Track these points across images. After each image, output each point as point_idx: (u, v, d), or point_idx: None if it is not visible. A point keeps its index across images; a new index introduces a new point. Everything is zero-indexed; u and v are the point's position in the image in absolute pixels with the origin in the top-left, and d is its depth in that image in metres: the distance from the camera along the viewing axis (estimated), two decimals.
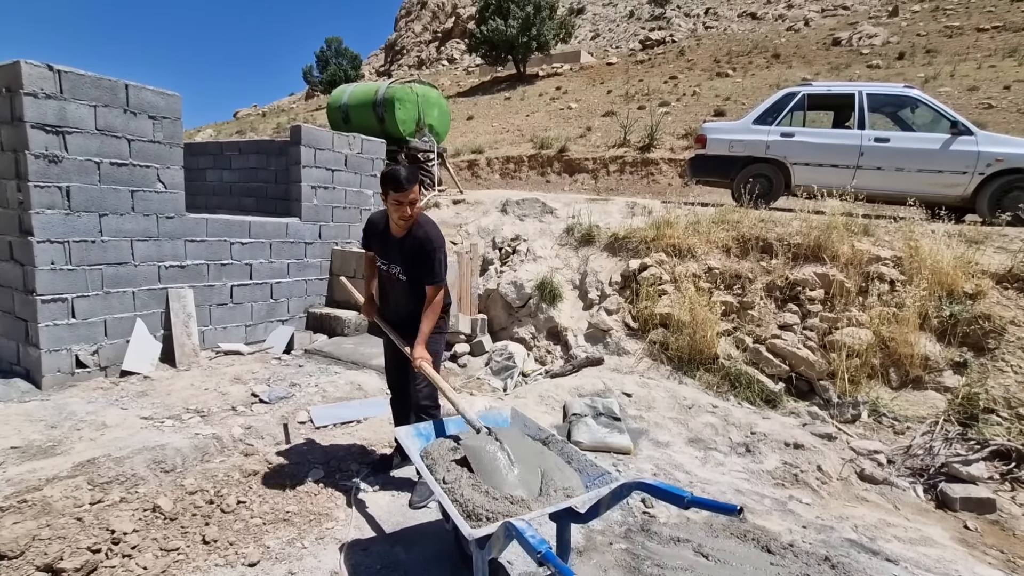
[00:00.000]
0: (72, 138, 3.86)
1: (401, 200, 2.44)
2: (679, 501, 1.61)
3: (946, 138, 5.75)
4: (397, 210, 2.46)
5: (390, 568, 2.21)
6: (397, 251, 2.59)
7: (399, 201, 2.44)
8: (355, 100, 8.56)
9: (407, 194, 2.43)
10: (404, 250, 2.57)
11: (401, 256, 2.58)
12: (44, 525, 2.26)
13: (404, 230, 2.56)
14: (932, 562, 2.54)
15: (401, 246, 2.58)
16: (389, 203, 2.47)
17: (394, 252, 2.60)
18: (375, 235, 2.67)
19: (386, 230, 2.61)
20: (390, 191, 2.42)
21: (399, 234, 2.58)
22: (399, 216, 2.48)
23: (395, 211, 2.47)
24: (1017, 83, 14.42)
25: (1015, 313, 4.16)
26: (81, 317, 4.01)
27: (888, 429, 3.95)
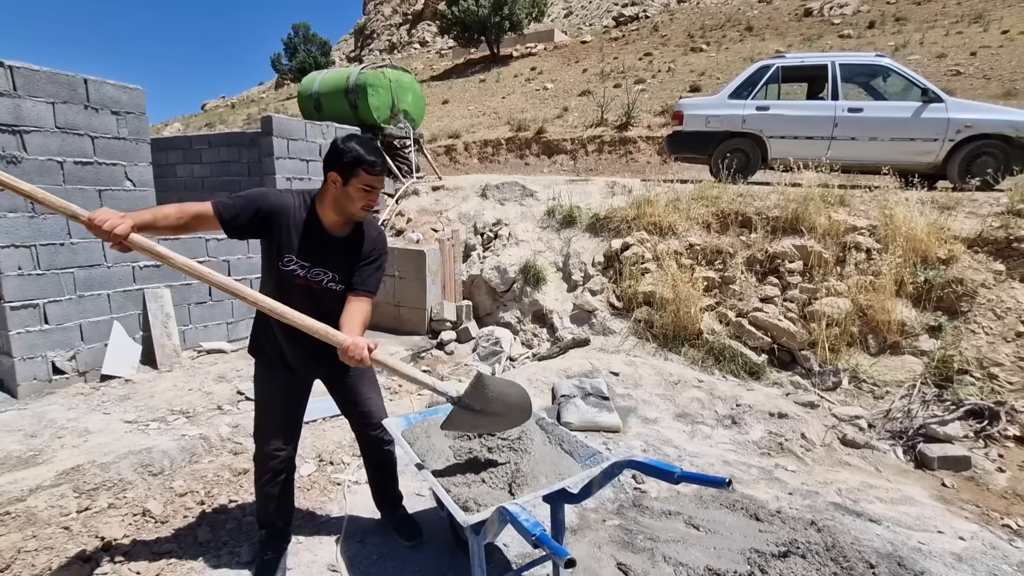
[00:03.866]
0: (31, 137, 3.71)
1: (374, 185, 1.84)
2: (669, 476, 1.64)
3: (917, 106, 5.83)
4: (364, 197, 1.84)
5: (387, 557, 2.23)
6: (336, 253, 1.92)
7: (371, 186, 1.83)
8: (326, 88, 8.37)
9: (381, 178, 1.87)
10: (347, 252, 1.93)
11: (342, 259, 1.93)
12: (30, 536, 2.22)
13: (351, 226, 1.94)
14: (912, 520, 2.63)
15: (344, 247, 1.93)
16: (352, 188, 1.81)
17: (329, 254, 1.91)
18: (282, 225, 1.86)
19: (314, 224, 1.89)
20: (360, 171, 1.79)
21: (342, 232, 1.92)
22: (364, 206, 1.85)
23: (361, 199, 1.83)
24: (983, 49, 14.65)
25: (986, 276, 4.28)
26: (55, 322, 3.90)
27: (868, 394, 4.06)
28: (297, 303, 1.79)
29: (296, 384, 2.09)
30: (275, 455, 2.03)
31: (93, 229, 1.53)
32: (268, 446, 2.03)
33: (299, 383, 2.11)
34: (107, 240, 1.55)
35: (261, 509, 2.12)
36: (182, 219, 1.72)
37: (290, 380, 2.06)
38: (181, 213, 1.73)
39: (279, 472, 2.06)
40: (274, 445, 2.03)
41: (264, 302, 1.70)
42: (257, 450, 2.06)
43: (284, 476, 2.08)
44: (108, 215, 1.54)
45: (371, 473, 2.37)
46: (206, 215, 1.76)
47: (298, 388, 2.11)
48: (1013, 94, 11.16)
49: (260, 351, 2.06)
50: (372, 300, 1.96)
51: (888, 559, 2.20)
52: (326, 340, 1.71)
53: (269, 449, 2.03)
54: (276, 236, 1.87)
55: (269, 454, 2.03)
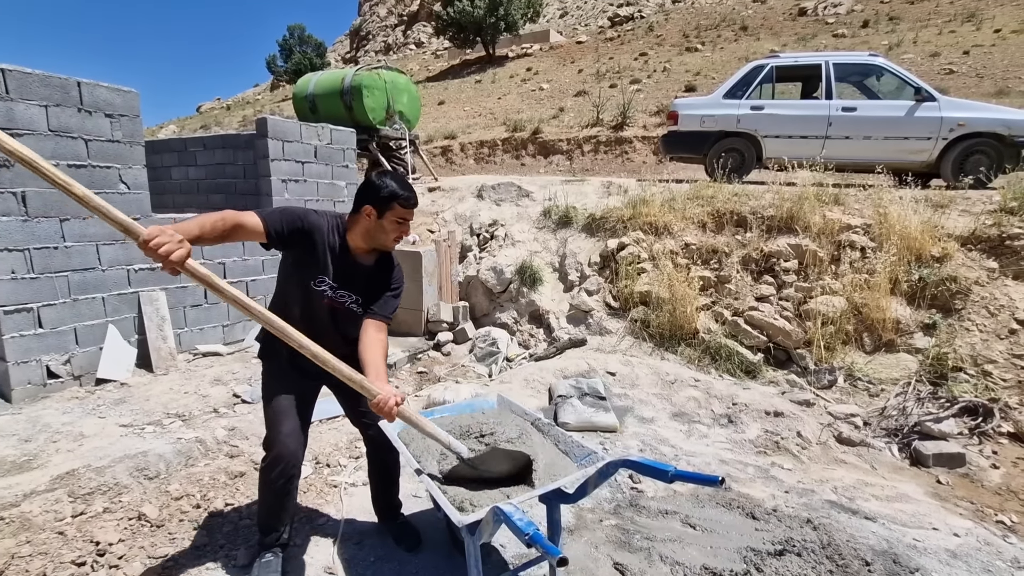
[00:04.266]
0: (23, 140, 3.69)
1: (407, 218, 1.94)
2: (663, 476, 1.64)
3: (910, 105, 5.86)
4: (397, 229, 1.94)
5: (384, 560, 2.22)
6: (361, 279, 2.02)
7: (404, 219, 1.93)
8: (322, 89, 8.36)
9: (413, 211, 1.95)
10: (371, 279, 2.03)
11: (365, 285, 2.03)
12: (24, 542, 2.21)
13: (375, 255, 2.05)
14: (908, 517, 2.65)
15: (370, 274, 2.03)
16: (386, 221, 1.91)
17: (354, 278, 2.01)
18: (318, 245, 1.94)
19: (344, 249, 1.98)
20: (395, 205, 1.88)
21: (367, 260, 2.03)
22: (396, 237, 1.97)
23: (394, 231, 1.94)
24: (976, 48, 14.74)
25: (979, 274, 4.30)
26: (49, 326, 3.88)
27: (863, 392, 4.08)
28: (319, 318, 1.95)
29: (305, 388, 2.11)
30: (287, 460, 2.01)
31: (148, 252, 1.44)
32: (281, 452, 2.01)
33: (308, 387, 2.12)
34: (162, 264, 1.47)
35: (264, 513, 2.10)
36: (226, 229, 1.72)
37: (300, 384, 2.08)
38: (224, 223, 1.71)
39: (288, 476, 2.04)
40: (287, 451, 2.01)
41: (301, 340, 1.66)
42: (269, 455, 2.03)
43: (292, 481, 2.07)
44: (164, 238, 1.46)
45: (374, 479, 2.36)
46: (251, 226, 1.78)
47: (308, 392, 2.12)
48: (1006, 92, 11.23)
49: (271, 356, 2.09)
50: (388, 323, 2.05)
51: (883, 556, 2.21)
52: (359, 390, 1.74)
53: (282, 455, 2.00)
54: (311, 255, 1.94)
55: (281, 460, 2.00)
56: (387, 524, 2.39)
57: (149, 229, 1.44)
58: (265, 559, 2.06)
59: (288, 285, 2.03)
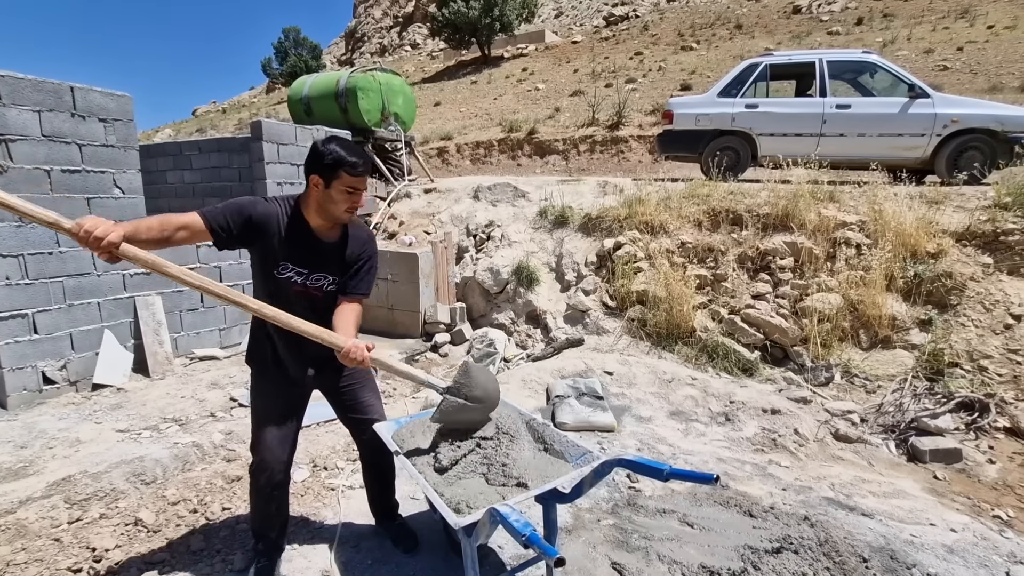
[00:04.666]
0: (16, 146, 3.69)
1: (357, 186, 1.81)
2: (658, 474, 1.64)
3: (904, 102, 5.88)
4: (347, 199, 1.81)
5: (381, 562, 2.22)
6: (329, 256, 1.91)
7: (354, 188, 1.80)
8: (316, 91, 8.35)
9: (364, 179, 1.84)
10: (339, 255, 1.93)
11: (335, 263, 1.92)
12: (19, 549, 2.20)
13: (339, 229, 1.93)
14: (905, 513, 2.65)
15: (336, 250, 1.92)
16: (334, 191, 1.78)
17: (321, 258, 1.90)
18: (272, 232, 1.83)
19: (302, 229, 1.87)
20: (342, 173, 1.76)
21: (331, 235, 1.91)
22: (348, 208, 1.83)
23: (344, 201, 1.81)
24: (969, 44, 14.79)
25: (974, 269, 4.31)
26: (44, 332, 3.87)
27: (860, 389, 4.09)
28: (296, 311, 1.77)
29: (294, 394, 2.08)
30: (273, 466, 1.99)
31: (80, 239, 1.41)
32: (266, 457, 1.99)
33: (297, 393, 2.09)
34: (96, 250, 1.43)
35: (256, 519, 2.10)
36: (165, 231, 1.64)
37: (289, 390, 2.05)
38: (164, 225, 1.64)
39: (276, 484, 2.03)
40: (272, 456, 1.99)
41: (261, 308, 1.68)
42: (255, 461, 2.02)
43: (281, 486, 2.06)
44: (96, 222, 1.42)
45: (370, 483, 2.34)
46: (194, 226, 1.70)
47: (296, 398, 2.09)
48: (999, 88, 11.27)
49: (258, 360, 2.04)
50: (364, 301, 1.98)
51: (881, 552, 2.22)
52: (325, 343, 1.71)
53: (267, 460, 1.99)
54: (267, 244, 1.84)
55: (266, 465, 1.99)
56: (384, 526, 2.38)
57: (82, 218, 1.44)
58: (261, 564, 2.06)
59: (258, 283, 1.95)
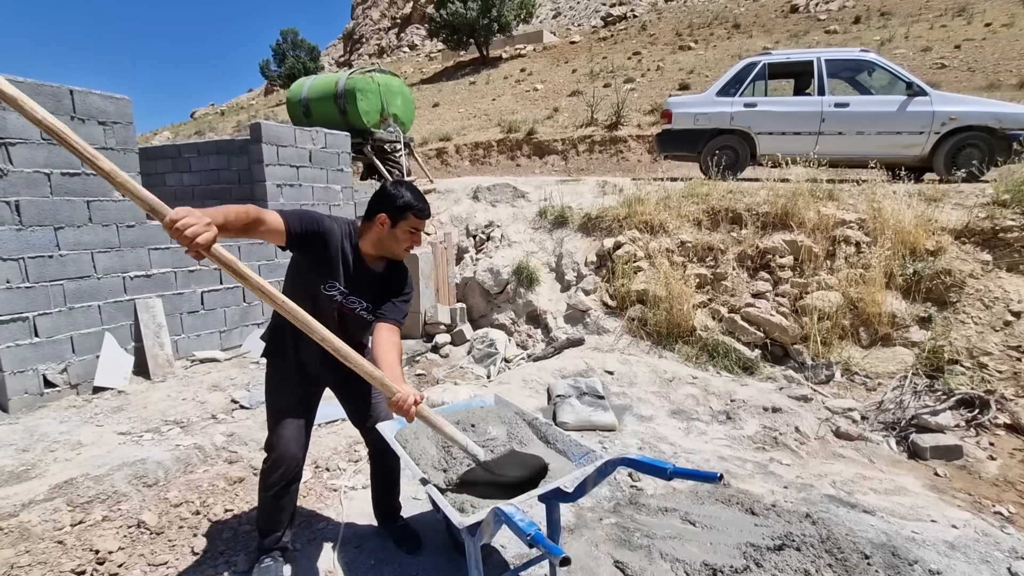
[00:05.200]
0: (16, 149, 3.69)
1: (420, 228, 1.97)
2: (662, 473, 1.65)
3: (902, 100, 5.89)
4: (409, 239, 1.96)
5: (384, 562, 2.22)
6: (372, 285, 2.03)
7: (416, 229, 1.96)
8: (315, 93, 8.35)
9: (426, 221, 1.99)
10: (382, 285, 2.05)
11: (375, 291, 2.04)
12: (23, 552, 2.20)
13: (384, 262, 2.06)
14: (906, 510, 2.66)
15: (380, 281, 2.05)
16: (399, 230, 1.93)
17: (365, 285, 2.02)
18: (332, 250, 1.94)
19: (356, 255, 1.99)
20: (410, 215, 1.91)
21: (377, 266, 2.04)
22: (408, 247, 1.98)
23: (406, 240, 1.96)
24: (967, 42, 14.82)
25: (973, 266, 4.32)
26: (45, 335, 3.87)
27: (861, 387, 4.09)
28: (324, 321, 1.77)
29: (309, 391, 2.11)
30: (288, 462, 2.02)
31: (174, 233, 1.35)
32: (283, 453, 2.01)
33: (311, 390, 2.12)
34: (187, 246, 1.36)
35: (264, 517, 2.10)
36: (248, 222, 1.65)
37: (303, 387, 2.08)
38: (247, 215, 1.64)
39: (290, 480, 2.05)
40: (289, 452, 2.01)
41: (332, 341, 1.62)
42: (270, 457, 2.03)
43: (293, 484, 2.08)
44: (191, 219, 1.35)
45: (376, 483, 2.36)
46: (273, 224, 1.74)
47: (311, 395, 2.13)
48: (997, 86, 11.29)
49: (276, 355, 2.08)
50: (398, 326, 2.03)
51: (882, 549, 2.22)
52: (379, 387, 1.71)
53: (284, 456, 2.01)
54: (324, 260, 1.92)
55: (283, 462, 2.01)
56: (387, 527, 2.39)
57: (176, 210, 1.37)
58: (265, 564, 2.06)
59: (296, 288, 1.99)
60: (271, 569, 2.06)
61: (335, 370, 2.00)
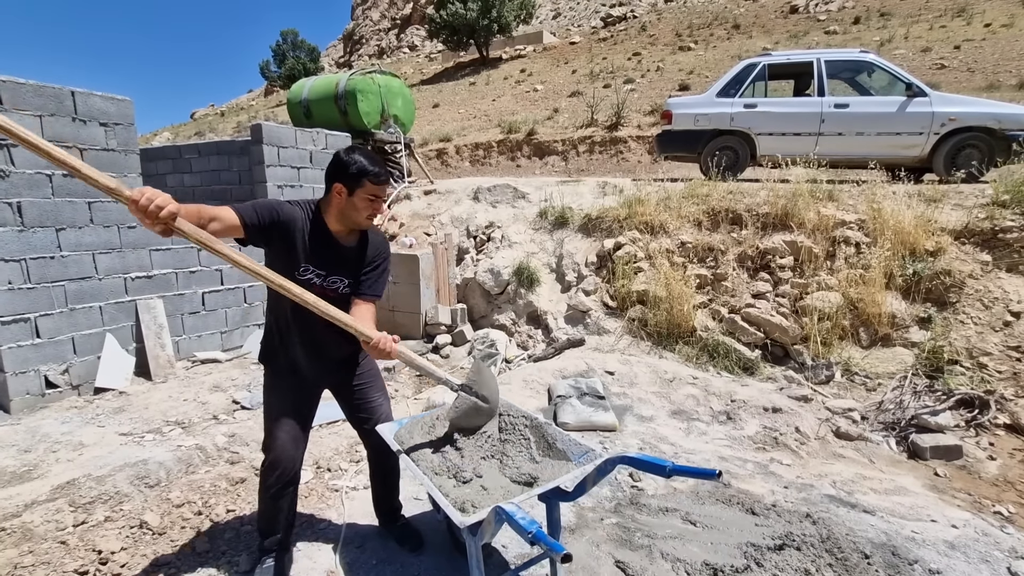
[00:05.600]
0: (18, 151, 3.70)
1: (378, 194, 1.90)
2: (661, 471, 1.66)
3: (902, 100, 5.90)
4: (369, 207, 1.90)
5: (386, 562, 2.23)
6: (348, 261, 1.99)
7: (375, 196, 1.89)
8: (316, 94, 8.37)
9: (385, 187, 1.92)
10: (356, 259, 2.01)
11: (352, 266, 2.00)
12: (26, 552, 2.21)
13: (356, 234, 2.02)
14: (906, 510, 2.66)
15: (354, 255, 2.01)
16: (357, 199, 1.87)
17: (340, 261, 1.97)
18: (296, 234, 1.89)
19: (323, 233, 1.94)
20: (365, 182, 1.84)
21: (349, 240, 1.99)
22: (369, 215, 1.92)
23: (366, 208, 1.89)
24: (967, 42, 14.82)
25: (973, 267, 4.33)
26: (46, 336, 3.88)
27: (861, 387, 4.10)
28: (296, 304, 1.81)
29: (307, 392, 2.12)
30: (286, 464, 2.03)
31: (140, 207, 1.42)
32: (280, 455, 2.02)
33: (309, 391, 2.13)
34: (154, 220, 1.44)
35: (264, 518, 2.11)
36: (202, 219, 1.67)
37: (301, 388, 2.08)
38: (201, 213, 1.67)
39: (288, 482, 2.06)
40: (286, 454, 2.02)
41: (302, 294, 1.71)
42: (267, 459, 2.04)
43: (292, 484, 2.09)
44: (152, 193, 1.43)
45: (376, 483, 2.36)
46: (226, 219, 1.74)
47: (308, 396, 2.13)
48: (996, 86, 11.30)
49: (272, 358, 2.09)
50: (377, 302, 2.08)
51: (882, 549, 2.23)
52: (355, 332, 1.78)
53: (280, 458, 2.02)
54: (290, 246, 1.89)
55: (279, 463, 2.02)
56: (389, 527, 2.40)
57: (136, 189, 1.45)
58: (266, 565, 2.07)
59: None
60: (272, 569, 2.07)
61: (327, 370, 2.10)
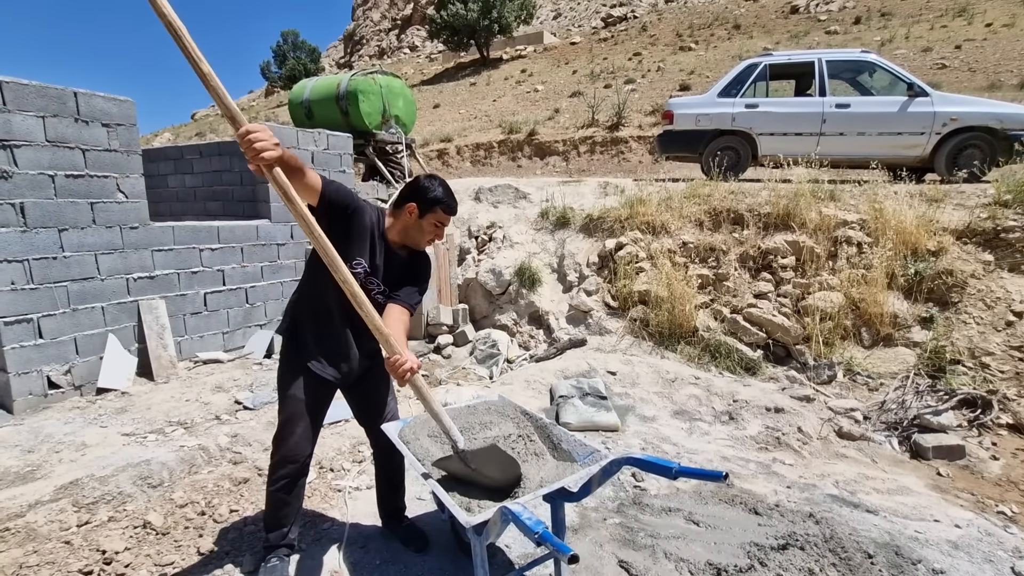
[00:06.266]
0: (21, 151, 3.70)
1: (445, 223, 2.05)
2: (667, 472, 1.66)
3: (903, 100, 5.90)
4: (433, 232, 2.03)
5: (389, 562, 2.23)
6: (394, 270, 2.07)
7: (441, 223, 2.03)
8: (317, 95, 8.37)
9: (451, 217, 2.08)
10: (403, 272, 2.08)
11: (396, 277, 2.07)
12: (31, 552, 2.21)
13: (407, 251, 2.11)
14: (909, 510, 2.66)
15: (403, 267, 2.09)
16: (426, 222, 1.99)
17: (388, 269, 2.05)
18: (362, 228, 1.99)
19: (381, 239, 2.03)
20: (438, 209, 1.98)
21: (401, 253, 2.09)
22: (430, 239, 2.06)
23: (430, 232, 2.03)
24: (967, 42, 14.81)
25: (975, 267, 4.33)
26: (49, 337, 3.88)
27: (863, 387, 4.10)
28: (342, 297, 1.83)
29: (321, 391, 2.11)
30: (298, 458, 2.05)
31: (244, 144, 1.50)
32: (293, 449, 2.03)
33: (324, 390, 2.12)
34: (252, 158, 1.50)
35: (271, 514, 2.11)
36: (297, 168, 1.74)
37: (317, 386, 2.08)
38: (296, 162, 1.74)
39: (298, 476, 2.07)
40: (299, 449, 2.04)
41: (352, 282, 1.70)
42: (280, 453, 2.04)
43: (301, 478, 2.10)
44: (263, 135, 1.51)
45: (381, 484, 2.37)
46: (310, 180, 1.81)
47: (323, 394, 2.12)
48: (998, 86, 11.29)
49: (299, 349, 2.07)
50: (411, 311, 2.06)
51: (885, 549, 2.23)
52: (382, 342, 1.75)
53: (294, 453, 2.03)
54: (354, 234, 1.96)
55: (292, 458, 2.03)
56: (393, 527, 2.40)
57: (251, 124, 1.51)
58: (271, 564, 2.07)
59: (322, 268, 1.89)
60: (277, 569, 2.07)
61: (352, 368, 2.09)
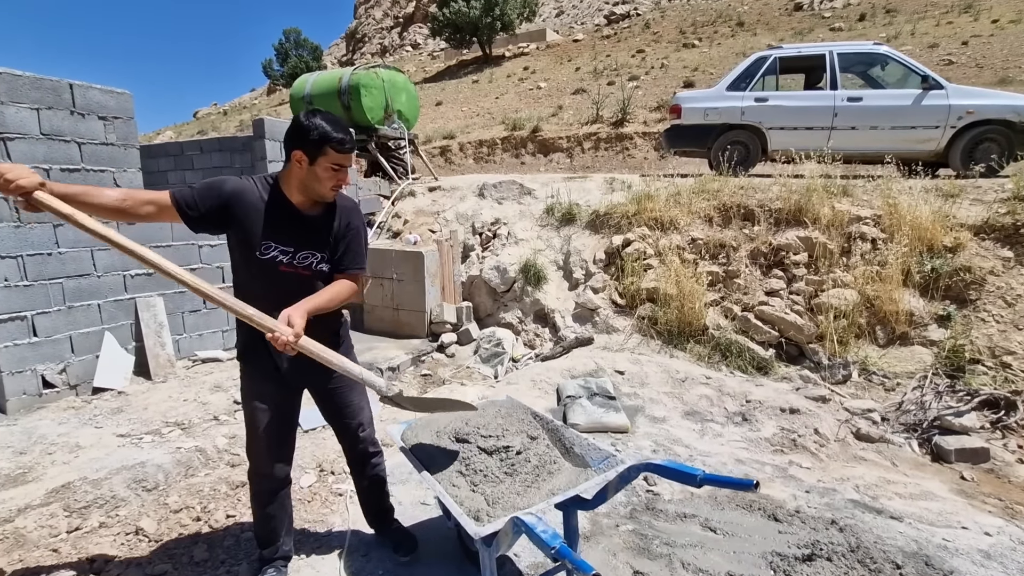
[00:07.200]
0: (15, 144, 3.61)
1: (343, 163, 1.72)
2: (692, 480, 1.55)
3: (917, 93, 5.76)
4: (333, 177, 1.72)
5: (392, 573, 2.12)
6: (315, 232, 1.80)
7: (340, 165, 1.71)
8: (319, 90, 8.26)
9: (350, 156, 1.74)
10: (326, 229, 1.81)
11: (323, 238, 1.81)
12: (17, 560, 2.12)
13: (322, 204, 1.82)
14: (935, 516, 2.55)
15: (322, 225, 1.81)
16: (319, 168, 1.69)
17: (307, 234, 1.78)
18: (249, 211, 1.72)
19: (282, 204, 1.75)
20: (328, 149, 1.66)
21: (315, 210, 1.80)
22: (334, 186, 1.74)
23: (329, 179, 1.72)
24: (974, 38, 14.64)
25: (994, 263, 4.20)
26: (44, 335, 3.79)
27: (879, 387, 3.98)
28: (290, 293, 1.69)
29: (286, 396, 1.96)
30: (271, 473, 1.94)
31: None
32: (263, 464, 1.93)
33: (289, 394, 1.97)
34: (8, 194, 1.44)
35: (259, 527, 2.02)
36: (127, 201, 1.59)
37: (279, 392, 1.93)
38: (129, 195, 1.60)
39: (275, 490, 1.98)
40: (268, 463, 1.93)
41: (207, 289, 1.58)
42: (251, 468, 1.96)
43: (281, 492, 2.00)
44: (12, 167, 1.44)
45: (362, 489, 2.22)
46: (160, 202, 1.65)
47: (288, 400, 1.98)
48: (1007, 81, 11.13)
49: (250, 356, 1.91)
50: (361, 276, 1.88)
51: (915, 558, 2.12)
52: (255, 325, 1.61)
53: (264, 467, 1.93)
54: (246, 223, 1.73)
55: (264, 472, 1.94)
56: (381, 531, 2.28)
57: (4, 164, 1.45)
58: (268, 573, 1.97)
59: (239, 266, 1.82)
60: None
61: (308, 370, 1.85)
